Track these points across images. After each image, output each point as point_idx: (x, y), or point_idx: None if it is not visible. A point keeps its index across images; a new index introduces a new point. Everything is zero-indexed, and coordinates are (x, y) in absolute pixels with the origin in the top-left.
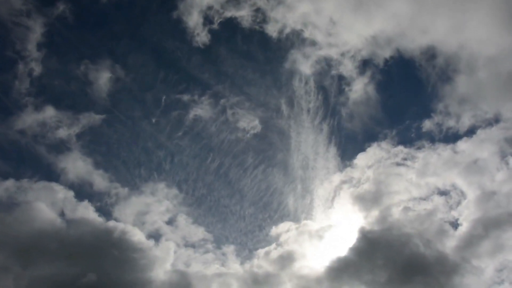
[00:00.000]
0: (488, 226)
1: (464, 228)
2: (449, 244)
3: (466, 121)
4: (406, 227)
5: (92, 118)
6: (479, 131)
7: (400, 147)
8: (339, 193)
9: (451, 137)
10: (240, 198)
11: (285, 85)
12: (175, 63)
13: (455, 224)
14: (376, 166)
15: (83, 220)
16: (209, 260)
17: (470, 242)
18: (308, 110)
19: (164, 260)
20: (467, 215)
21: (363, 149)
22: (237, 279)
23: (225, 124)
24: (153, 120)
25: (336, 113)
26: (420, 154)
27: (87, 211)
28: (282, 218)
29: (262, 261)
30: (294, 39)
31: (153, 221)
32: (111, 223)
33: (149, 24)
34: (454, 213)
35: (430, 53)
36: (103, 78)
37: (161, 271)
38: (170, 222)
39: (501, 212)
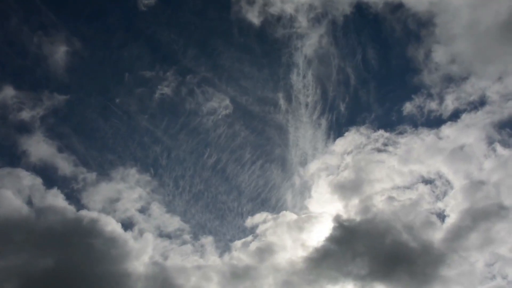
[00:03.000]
0: (477, 218)
1: (451, 219)
2: (436, 236)
3: (449, 104)
4: (389, 217)
5: (56, 99)
6: (463, 116)
7: (381, 132)
8: (318, 181)
9: (434, 122)
10: (219, 186)
11: (283, 79)
12: (143, 36)
13: (442, 216)
14: (356, 152)
15: (52, 208)
16: (187, 251)
17: (458, 234)
18: (307, 105)
19: (141, 251)
20: (454, 205)
21: (341, 134)
22: (217, 272)
23: (194, 104)
24: (117, 101)
25: (335, 108)
26: (402, 140)
27: (56, 199)
28: (260, 209)
29: (240, 253)
30: None
31: (125, 209)
32: (84, 212)
33: None
34: (440, 204)
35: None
36: (60, 53)
37: (138, 263)
38: (143, 210)
39: (490, 203)
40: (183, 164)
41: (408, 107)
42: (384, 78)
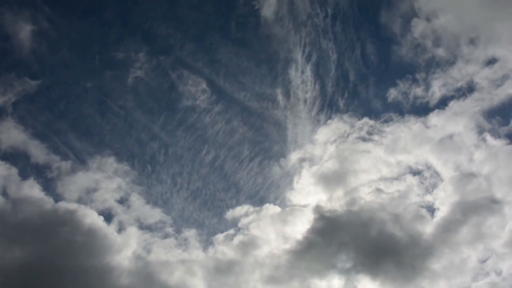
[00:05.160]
0: (468, 211)
1: (441, 213)
2: (426, 230)
3: (436, 91)
4: (376, 209)
5: (28, 84)
6: (451, 103)
7: (365, 120)
8: (300, 172)
9: (421, 109)
10: (202, 176)
11: (281, 74)
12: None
13: (431, 209)
14: (339, 141)
15: (28, 199)
16: (170, 245)
17: (449, 228)
18: (305, 101)
19: (123, 244)
20: (443, 198)
21: (324, 122)
22: (201, 266)
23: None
24: (88, 85)
25: (334, 103)
26: (388, 128)
27: (32, 190)
28: (241, 201)
29: (224, 247)
30: None
31: (103, 200)
32: (62, 204)
33: None
34: (429, 197)
35: None
36: (25, 31)
37: (119, 256)
38: (122, 201)
39: (482, 196)
40: (168, 155)
41: (393, 94)
42: (384, 73)
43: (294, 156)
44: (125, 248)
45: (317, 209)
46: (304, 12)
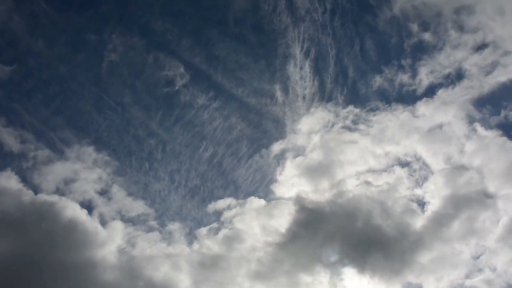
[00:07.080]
0: (460, 206)
1: (432, 206)
2: (416, 224)
3: (424, 79)
4: (364, 202)
5: (1, 70)
6: (440, 91)
7: (350, 108)
8: (283, 163)
9: (408, 97)
10: (187, 168)
11: (280, 70)
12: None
13: (421, 202)
14: (324, 131)
15: (6, 191)
16: (155, 239)
17: (440, 223)
18: (304, 97)
19: (107, 238)
20: (433, 191)
21: (307, 111)
22: (186, 261)
23: None
24: (62, 70)
25: (333, 99)
26: (375, 117)
27: (10, 181)
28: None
29: (209, 241)
30: None
31: (83, 191)
32: (41, 196)
33: None
34: (419, 190)
35: None
36: None
37: (104, 251)
38: (102, 193)
39: (474, 190)
40: (151, 146)
41: (379, 81)
42: (368, 59)
43: (277, 147)
44: (108, 241)
45: (301, 202)
46: (302, 7)
